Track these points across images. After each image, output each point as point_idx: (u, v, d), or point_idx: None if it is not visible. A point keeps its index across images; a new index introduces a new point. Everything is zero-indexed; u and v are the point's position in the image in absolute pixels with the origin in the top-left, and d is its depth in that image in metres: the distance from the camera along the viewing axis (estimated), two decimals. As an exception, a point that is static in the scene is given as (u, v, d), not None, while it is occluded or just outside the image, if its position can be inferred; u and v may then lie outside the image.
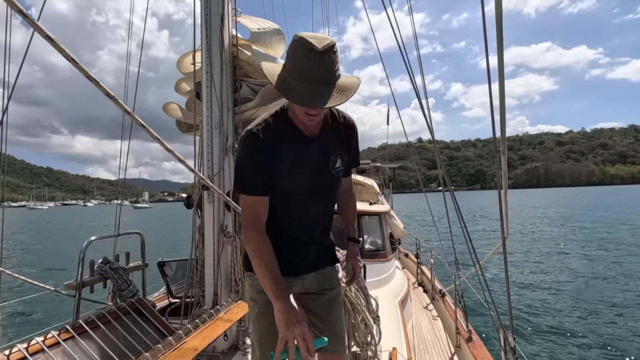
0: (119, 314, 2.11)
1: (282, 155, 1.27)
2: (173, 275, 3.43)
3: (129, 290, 2.46)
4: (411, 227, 23.17)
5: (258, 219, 1.27)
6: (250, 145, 1.26)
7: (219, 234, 2.59)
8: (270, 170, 1.27)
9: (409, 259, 7.25)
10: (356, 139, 1.48)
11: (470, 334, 3.42)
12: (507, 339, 2.05)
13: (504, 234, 1.84)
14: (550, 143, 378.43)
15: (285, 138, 1.28)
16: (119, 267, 2.52)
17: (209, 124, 2.61)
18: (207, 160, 2.61)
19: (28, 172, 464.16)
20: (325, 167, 1.36)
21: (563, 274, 10.93)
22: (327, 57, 1.10)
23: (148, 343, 2.05)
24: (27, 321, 7.66)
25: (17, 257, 16.72)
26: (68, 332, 1.79)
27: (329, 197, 1.45)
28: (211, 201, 2.57)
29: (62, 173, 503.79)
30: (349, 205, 1.64)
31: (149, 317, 2.27)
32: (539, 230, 21.97)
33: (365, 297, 2.28)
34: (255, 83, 2.89)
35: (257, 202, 1.27)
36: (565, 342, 6.16)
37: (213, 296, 2.57)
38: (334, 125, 1.38)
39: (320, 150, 1.34)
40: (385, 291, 4.03)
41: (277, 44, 3.11)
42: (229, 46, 2.74)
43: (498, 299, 7.18)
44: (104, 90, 1.12)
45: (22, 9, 0.93)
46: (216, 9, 2.63)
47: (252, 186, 1.27)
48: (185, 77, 3.17)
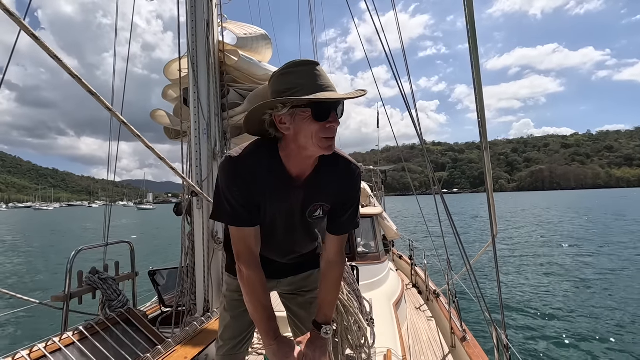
0: (108, 325, 2.08)
1: (260, 191, 1.16)
2: (165, 284, 3.38)
3: (119, 301, 2.42)
4: (412, 229, 23.25)
5: (251, 252, 1.19)
6: (233, 173, 1.13)
7: (209, 241, 2.56)
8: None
9: (403, 260, 7.26)
10: (352, 194, 1.26)
11: (464, 334, 3.42)
12: (499, 337, 2.05)
13: (493, 232, 1.86)
14: (556, 145, 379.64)
15: (267, 176, 1.15)
16: (108, 277, 2.49)
17: (197, 130, 2.60)
18: (195, 166, 2.60)
19: (34, 173, 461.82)
20: (302, 214, 1.24)
21: (559, 273, 11.03)
22: (322, 69, 1.07)
23: (138, 353, 2.01)
24: (12, 335, 7.47)
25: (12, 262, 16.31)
26: (55, 344, 1.75)
27: (306, 235, 1.36)
28: (200, 207, 2.55)
29: (67, 174, 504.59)
30: (328, 278, 1.31)
31: (139, 327, 2.24)
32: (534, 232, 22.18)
33: (358, 299, 2.27)
34: (243, 88, 2.89)
35: (248, 233, 1.18)
36: (560, 339, 6.21)
37: (204, 303, 2.55)
38: (328, 176, 1.21)
39: (302, 199, 1.21)
40: (379, 293, 4.02)
41: (264, 49, 3.12)
42: (216, 52, 2.74)
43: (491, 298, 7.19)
44: (86, 88, 1.11)
45: (8, 7, 0.93)
46: (202, 15, 2.63)
47: (238, 218, 1.16)
48: (172, 83, 3.16)
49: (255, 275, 1.19)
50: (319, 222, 1.30)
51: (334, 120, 1.05)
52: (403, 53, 2.97)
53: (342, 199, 1.24)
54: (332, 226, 1.29)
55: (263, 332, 1.19)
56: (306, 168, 1.17)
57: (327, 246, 1.31)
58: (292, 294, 1.56)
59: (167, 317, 2.91)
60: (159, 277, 3.37)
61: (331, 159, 1.19)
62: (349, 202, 1.25)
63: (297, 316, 1.56)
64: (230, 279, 1.44)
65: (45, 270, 13.94)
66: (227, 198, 1.14)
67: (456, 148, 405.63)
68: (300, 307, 1.55)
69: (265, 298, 1.20)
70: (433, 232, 5.19)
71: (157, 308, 3.52)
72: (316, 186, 1.20)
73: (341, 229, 1.29)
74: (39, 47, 1.11)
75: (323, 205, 1.23)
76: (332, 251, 1.30)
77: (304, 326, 1.50)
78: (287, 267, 1.46)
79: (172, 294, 3.30)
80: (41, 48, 1.11)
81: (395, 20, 3.07)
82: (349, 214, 1.26)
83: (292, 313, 1.58)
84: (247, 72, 2.91)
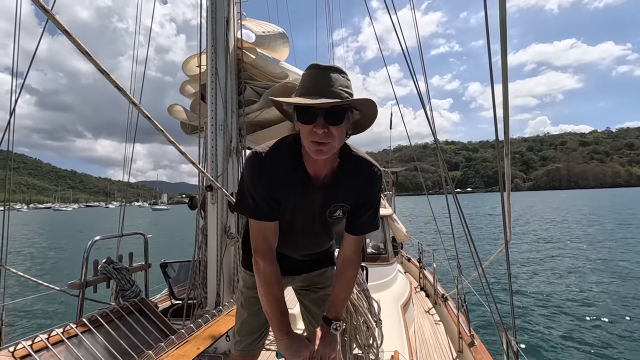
0: (122, 313, 2.13)
1: (282, 187, 1.18)
2: (175, 276, 3.44)
3: (132, 291, 2.47)
4: (423, 228, 23.05)
5: (268, 246, 1.22)
6: (258, 168, 1.16)
7: (222, 235, 2.60)
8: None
9: (412, 263, 7.23)
10: (372, 196, 1.25)
11: (472, 339, 3.40)
12: (509, 343, 2.03)
13: (506, 237, 1.84)
14: (573, 143, 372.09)
15: (289, 175, 1.16)
16: (122, 267, 2.54)
17: (213, 126, 2.64)
18: (211, 161, 2.63)
19: (53, 175, 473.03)
20: (322, 214, 1.25)
21: (570, 276, 10.83)
22: (330, 74, 1.05)
23: (151, 342, 2.05)
24: (31, 319, 7.70)
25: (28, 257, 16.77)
26: (72, 330, 1.80)
27: (323, 234, 1.37)
28: (215, 202, 2.58)
29: (85, 176, 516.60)
30: (343, 276, 1.31)
31: (152, 317, 2.28)
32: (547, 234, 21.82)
33: (367, 299, 2.27)
34: (259, 85, 2.91)
35: (268, 227, 1.21)
36: (570, 346, 6.11)
37: (215, 297, 2.58)
38: (348, 178, 1.20)
39: (321, 200, 1.22)
40: (387, 295, 4.02)
41: (281, 47, 3.14)
42: (234, 49, 2.77)
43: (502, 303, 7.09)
44: (114, 83, 1.14)
45: (45, 6, 0.96)
46: (222, 12, 2.67)
47: (260, 211, 1.19)
48: (190, 79, 3.20)
49: (271, 269, 1.21)
50: (338, 222, 1.31)
51: (320, 125, 1.02)
52: (419, 50, 2.96)
53: (362, 200, 1.24)
54: (351, 226, 1.29)
55: (275, 327, 1.21)
56: (321, 169, 1.17)
57: (345, 245, 1.31)
58: (305, 289, 1.58)
59: (178, 309, 2.96)
60: (170, 270, 3.43)
61: (352, 160, 1.20)
62: (369, 203, 1.25)
63: (310, 312, 1.59)
64: (247, 275, 1.46)
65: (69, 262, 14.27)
66: (250, 192, 1.17)
67: (470, 147, 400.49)
68: (313, 303, 1.57)
69: (279, 292, 1.22)
70: (443, 231, 5.15)
71: (167, 300, 3.57)
72: (336, 187, 1.20)
73: (360, 230, 1.29)
74: (72, 44, 1.14)
75: (343, 206, 1.24)
76: (349, 250, 1.31)
77: (317, 322, 1.52)
78: (302, 263, 1.48)
79: (182, 286, 3.35)
80: (74, 45, 1.13)
81: (413, 16, 3.07)
82: (368, 215, 1.26)
83: (305, 308, 1.61)
84: (264, 69, 2.93)
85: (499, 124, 1.42)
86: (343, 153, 1.18)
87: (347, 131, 1.11)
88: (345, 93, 1.05)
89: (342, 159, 1.18)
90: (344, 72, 1.08)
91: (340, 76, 1.06)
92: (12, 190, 2.82)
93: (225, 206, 2.62)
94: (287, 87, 2.73)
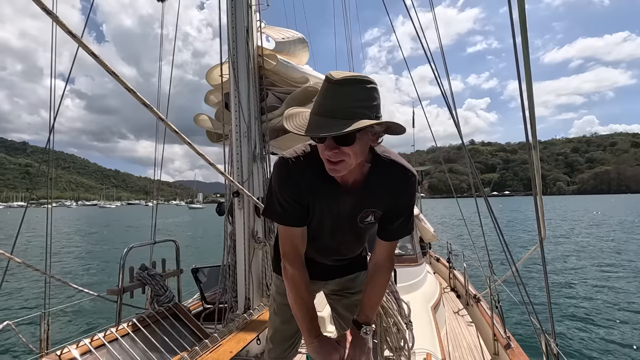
0: (158, 318, 2.20)
1: (309, 193, 1.17)
2: (206, 281, 3.53)
3: (166, 296, 2.56)
4: (457, 231, 22.52)
5: (297, 251, 1.22)
6: (286, 174, 1.15)
7: (249, 240, 2.64)
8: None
9: (441, 263, 7.08)
10: (406, 201, 1.19)
11: (508, 341, 3.28)
12: (549, 345, 1.96)
13: (540, 235, 1.78)
14: (624, 144, 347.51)
15: (317, 180, 1.14)
16: (156, 273, 2.64)
17: (238, 133, 2.69)
18: (236, 167, 2.69)
19: (99, 174, 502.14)
20: (353, 219, 1.22)
21: (610, 279, 10.28)
22: (344, 89, 0.93)
23: (185, 346, 2.12)
24: (71, 324, 8.07)
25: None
26: (112, 334, 1.88)
27: (354, 239, 1.35)
28: (242, 207, 2.64)
29: (127, 175, 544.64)
30: (375, 282, 1.27)
31: (186, 322, 2.35)
32: (588, 237, 20.79)
33: (397, 300, 2.24)
34: (280, 91, 2.96)
35: (295, 233, 1.21)
36: (611, 348, 5.79)
37: (245, 301, 2.62)
38: (380, 183, 1.15)
39: (351, 205, 1.19)
40: (417, 296, 3.95)
41: (301, 53, 3.17)
42: (255, 57, 2.82)
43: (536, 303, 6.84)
44: (140, 100, 1.19)
45: (71, 29, 1.01)
46: (242, 21, 2.73)
47: (288, 217, 1.19)
48: (214, 88, 3.29)
49: (299, 274, 1.21)
50: (370, 228, 1.28)
51: (329, 146, 0.97)
52: (441, 52, 2.91)
53: (395, 206, 1.20)
54: (383, 232, 1.25)
55: (305, 331, 1.21)
56: (349, 174, 1.12)
57: (377, 251, 1.28)
58: (338, 294, 1.55)
59: (210, 313, 3.04)
60: (201, 275, 3.52)
61: (386, 164, 1.15)
62: (402, 209, 1.20)
63: (343, 318, 1.56)
64: (279, 280, 1.45)
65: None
66: (277, 197, 1.18)
67: (508, 148, 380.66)
68: (345, 309, 1.54)
69: (307, 297, 1.23)
70: (474, 233, 5.01)
71: (198, 305, 3.67)
72: (368, 192, 1.16)
73: (392, 236, 1.25)
74: (98, 64, 1.19)
75: (375, 211, 1.20)
76: (382, 256, 1.27)
77: (348, 326, 1.50)
78: (334, 268, 1.46)
79: (213, 290, 3.43)
80: (100, 65, 1.16)
81: (433, 18, 3.02)
82: (401, 221, 1.22)
83: (337, 314, 1.59)
84: (285, 75, 2.97)
85: (528, 122, 1.38)
86: (373, 156, 1.14)
87: (371, 141, 1.05)
88: (360, 110, 0.93)
89: (373, 163, 1.14)
90: (364, 82, 0.94)
91: (358, 88, 0.94)
92: (63, 188, 3.01)
93: (252, 211, 2.67)
94: (308, 92, 2.75)
